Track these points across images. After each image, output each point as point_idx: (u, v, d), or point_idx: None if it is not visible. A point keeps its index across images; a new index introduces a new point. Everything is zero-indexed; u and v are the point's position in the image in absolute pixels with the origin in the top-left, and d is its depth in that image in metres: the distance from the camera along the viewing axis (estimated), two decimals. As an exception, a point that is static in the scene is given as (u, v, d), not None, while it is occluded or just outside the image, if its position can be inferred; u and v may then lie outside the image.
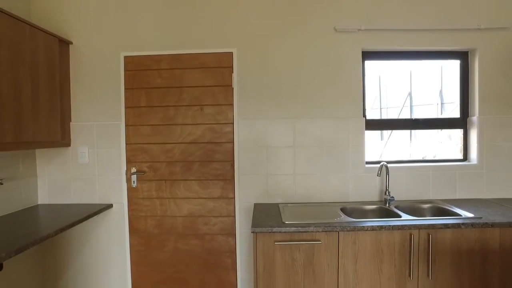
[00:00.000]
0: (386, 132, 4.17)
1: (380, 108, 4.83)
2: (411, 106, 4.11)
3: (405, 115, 3.77)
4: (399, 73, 3.62)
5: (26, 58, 1.96)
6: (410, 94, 4.15)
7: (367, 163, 2.44)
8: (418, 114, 3.73)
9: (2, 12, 1.77)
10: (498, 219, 1.86)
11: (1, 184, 2.07)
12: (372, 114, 4.16)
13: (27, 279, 2.34)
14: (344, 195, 2.41)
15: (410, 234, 1.82)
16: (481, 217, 1.90)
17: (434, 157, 2.95)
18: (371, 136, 2.94)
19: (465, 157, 2.55)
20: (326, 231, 1.80)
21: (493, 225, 1.81)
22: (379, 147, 4.04)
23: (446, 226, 1.82)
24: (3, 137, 1.75)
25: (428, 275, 1.82)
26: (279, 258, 1.83)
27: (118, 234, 2.46)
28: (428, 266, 1.82)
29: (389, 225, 1.81)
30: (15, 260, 2.19)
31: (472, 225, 1.81)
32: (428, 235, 1.82)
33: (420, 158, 2.62)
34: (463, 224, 1.81)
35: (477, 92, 2.44)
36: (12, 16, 1.84)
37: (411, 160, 2.57)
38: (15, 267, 2.21)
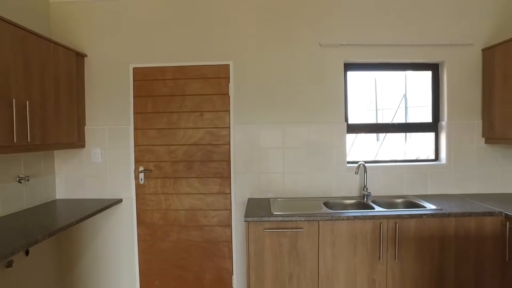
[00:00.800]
0: (382, 135, 4.44)
1: (376, 110, 5.13)
2: (405, 108, 4.38)
3: (401, 116, 4.02)
4: (393, 76, 3.82)
5: (50, 71, 2.26)
6: (405, 96, 4.43)
7: (348, 162, 2.75)
8: (412, 116, 3.92)
9: (33, 34, 2.08)
10: (455, 210, 2.18)
11: (28, 180, 2.38)
12: (368, 115, 4.34)
13: (47, 264, 2.64)
14: (328, 191, 2.72)
15: (380, 223, 2.13)
16: (442, 209, 2.21)
17: (418, 157, 3.21)
18: (369, 138, 3.21)
19: (436, 157, 2.86)
20: (308, 220, 2.12)
21: (449, 215, 2.13)
22: (373, 147, 4.32)
23: (410, 216, 2.13)
24: (33, 140, 2.05)
25: (395, 258, 2.14)
26: (268, 243, 2.14)
27: (127, 226, 2.77)
28: (395, 250, 2.13)
29: (362, 215, 2.13)
30: (37, 248, 2.49)
31: (432, 215, 2.13)
32: (395, 224, 2.13)
33: (396, 158, 2.92)
34: (424, 214, 2.13)
35: (446, 100, 2.76)
36: (41, 37, 2.15)
37: (388, 160, 2.89)
38: (37, 254, 2.51)
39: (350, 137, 3.01)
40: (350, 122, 2.82)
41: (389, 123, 2.95)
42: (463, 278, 2.15)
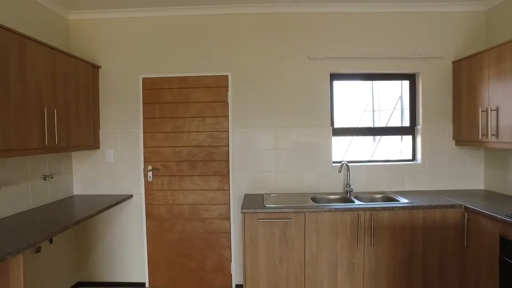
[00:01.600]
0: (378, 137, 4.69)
1: (373, 111, 5.44)
2: (402, 109, 4.68)
3: (396, 118, 4.28)
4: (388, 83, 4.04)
5: (72, 82, 2.60)
6: (401, 97, 4.74)
7: (334, 162, 3.09)
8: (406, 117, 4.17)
9: (60, 51, 2.42)
10: (424, 203, 2.52)
11: (52, 178, 2.72)
12: (364, 116, 4.55)
13: (68, 252, 2.98)
14: (315, 187, 3.06)
15: (358, 215, 2.47)
16: (412, 202, 2.55)
17: (403, 157, 3.50)
18: (366, 140, 3.47)
19: (413, 157, 3.21)
20: (295, 212, 2.46)
21: (418, 207, 2.47)
22: (371, 148, 4.61)
23: (384, 208, 2.48)
24: (59, 142, 2.39)
25: (371, 245, 2.48)
26: (261, 232, 2.48)
27: (137, 219, 3.11)
28: (371, 238, 2.47)
29: (342, 208, 2.47)
30: (59, 238, 2.83)
31: (403, 208, 2.48)
32: (371, 215, 2.47)
33: (379, 158, 3.26)
34: (396, 207, 2.47)
35: (421, 106, 3.10)
36: (65, 53, 2.49)
37: (370, 160, 3.23)
38: (59, 243, 2.84)
39: (347, 139, 3.34)
40: (336, 126, 3.16)
41: (371, 127, 3.28)
42: (429, 261, 2.49)
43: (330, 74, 3.07)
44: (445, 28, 3.05)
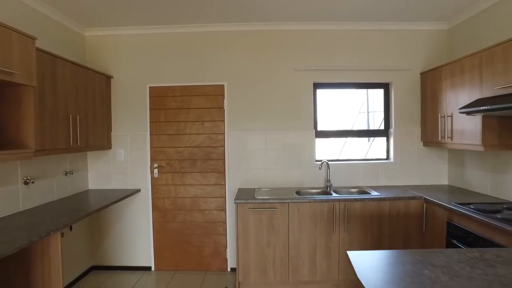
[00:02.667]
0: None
1: (367, 112, 5.88)
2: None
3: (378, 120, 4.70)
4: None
5: (90, 91, 3.04)
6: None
7: (317, 161, 3.53)
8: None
9: (81, 66, 2.86)
10: (390, 195, 2.96)
11: (72, 174, 3.16)
12: (359, 117, 4.93)
13: (85, 238, 3.41)
14: (300, 183, 3.50)
15: (333, 205, 2.91)
16: (381, 195, 3.00)
17: (378, 156, 3.94)
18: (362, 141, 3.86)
19: (387, 156, 3.65)
20: (280, 203, 2.90)
21: (385, 199, 2.91)
22: (365, 147, 5.04)
23: (356, 200, 2.92)
24: (81, 143, 2.83)
25: (345, 231, 2.92)
26: (251, 219, 2.92)
27: (144, 210, 3.54)
28: (345, 224, 2.91)
29: (320, 199, 2.91)
30: (77, 225, 3.26)
31: (372, 199, 2.92)
32: (345, 205, 2.91)
33: (358, 157, 3.70)
34: (366, 198, 2.91)
35: (393, 111, 3.54)
36: (85, 68, 2.93)
37: (350, 158, 3.67)
38: (77, 230, 3.28)
39: (342, 140, 3.79)
40: (319, 129, 3.60)
41: (351, 130, 3.72)
42: (395, 245, 2.94)
43: (313, 83, 3.51)
44: (414, 43, 3.49)
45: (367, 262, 1.46)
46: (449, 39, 3.47)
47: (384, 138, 3.66)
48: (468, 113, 2.47)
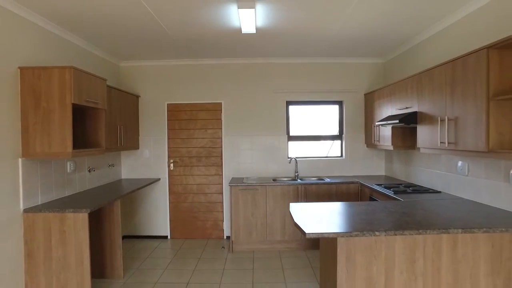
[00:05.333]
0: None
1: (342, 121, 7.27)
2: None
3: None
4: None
5: (126, 108, 4.33)
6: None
7: (289, 157, 4.84)
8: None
9: (122, 91, 4.15)
10: (337, 181, 4.27)
11: (113, 166, 4.44)
12: (322, 126, 6.36)
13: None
14: (277, 173, 4.81)
15: (297, 187, 4.22)
16: (331, 181, 4.31)
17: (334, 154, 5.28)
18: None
19: (341, 154, 4.97)
20: (260, 185, 4.20)
21: (332, 183, 4.23)
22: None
23: (312, 184, 4.23)
24: (122, 144, 4.12)
25: (305, 205, 4.23)
26: (240, 197, 4.22)
27: (163, 194, 4.83)
28: (305, 200, 4.21)
29: (288, 183, 4.22)
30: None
31: (324, 183, 4.23)
32: (305, 187, 4.22)
33: (320, 155, 5.01)
34: (320, 183, 4.23)
35: (345, 122, 4.87)
36: (123, 91, 4.23)
37: (313, 156, 4.98)
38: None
39: (323, 143, 5.10)
40: (291, 134, 4.92)
41: (314, 135, 5.04)
42: (339, 215, 4.24)
43: (286, 101, 4.84)
44: (359, 73, 4.83)
45: (303, 210, 2.76)
46: (384, 70, 4.81)
47: (339, 141, 4.98)
48: (379, 125, 3.80)
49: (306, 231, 2.04)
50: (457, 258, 2.29)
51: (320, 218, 2.37)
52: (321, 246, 2.80)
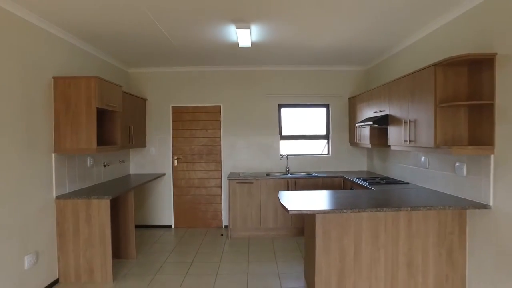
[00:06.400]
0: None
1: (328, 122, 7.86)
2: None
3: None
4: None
5: (135, 110, 4.86)
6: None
7: (281, 155, 5.40)
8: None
9: (133, 95, 4.69)
10: (322, 175, 4.84)
11: (123, 162, 4.98)
12: (311, 126, 6.99)
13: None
14: (270, 169, 5.37)
15: (288, 181, 4.78)
16: (317, 175, 4.88)
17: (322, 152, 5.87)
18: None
19: (328, 152, 5.54)
20: (255, 179, 4.76)
21: (318, 177, 4.79)
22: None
23: (301, 177, 4.79)
24: (133, 142, 4.65)
25: (294, 196, 4.79)
26: (238, 189, 4.77)
27: (167, 187, 5.37)
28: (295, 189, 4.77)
29: (280, 177, 4.78)
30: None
31: (311, 177, 4.80)
32: (294, 181, 4.78)
33: (308, 153, 5.57)
34: (307, 177, 4.79)
35: (331, 123, 5.44)
36: (133, 95, 4.76)
37: (303, 153, 5.55)
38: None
39: (312, 142, 5.67)
40: (283, 134, 5.48)
41: (304, 134, 5.61)
42: (325, 205, 4.81)
43: (278, 104, 5.40)
44: (344, 79, 5.40)
45: (289, 196, 3.32)
46: (365, 76, 5.39)
47: (326, 140, 5.56)
48: (359, 126, 4.38)
49: (289, 208, 2.60)
50: (412, 233, 2.87)
51: (303, 201, 2.93)
52: (305, 227, 3.36)
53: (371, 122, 3.90)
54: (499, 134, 2.49)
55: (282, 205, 2.79)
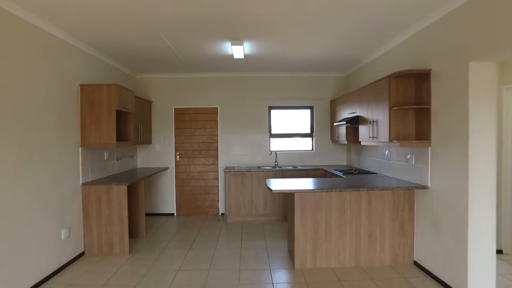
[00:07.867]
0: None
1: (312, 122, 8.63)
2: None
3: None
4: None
5: (143, 111, 5.55)
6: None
7: (270, 151, 6.13)
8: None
9: (141, 98, 5.38)
10: (306, 169, 5.57)
11: (132, 157, 5.66)
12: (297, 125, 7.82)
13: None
14: (261, 163, 6.09)
15: (276, 173, 5.50)
16: (302, 168, 5.61)
17: (307, 148, 6.62)
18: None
19: (312, 148, 6.28)
20: (248, 171, 5.47)
21: (302, 170, 5.53)
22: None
23: (287, 170, 5.52)
24: (142, 139, 5.34)
25: (282, 186, 5.52)
26: (232, 180, 5.48)
27: (170, 179, 6.06)
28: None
29: (269, 170, 5.51)
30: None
31: (296, 170, 5.53)
32: (282, 173, 5.51)
33: (294, 149, 6.30)
34: (293, 169, 5.52)
35: (315, 123, 6.18)
36: (142, 99, 5.45)
37: (290, 149, 6.28)
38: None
39: (297, 139, 6.39)
40: (272, 132, 6.21)
41: (291, 133, 6.34)
42: (308, 194, 5.55)
43: (268, 106, 6.13)
44: (326, 84, 6.14)
45: (275, 182, 4.03)
46: (345, 81, 6.15)
47: (310, 138, 6.30)
48: (336, 125, 5.13)
49: (273, 188, 3.32)
50: (372, 210, 3.61)
51: (285, 185, 3.65)
52: (288, 207, 4.08)
53: (344, 122, 4.64)
54: (433, 131, 3.24)
55: (268, 187, 3.51)
